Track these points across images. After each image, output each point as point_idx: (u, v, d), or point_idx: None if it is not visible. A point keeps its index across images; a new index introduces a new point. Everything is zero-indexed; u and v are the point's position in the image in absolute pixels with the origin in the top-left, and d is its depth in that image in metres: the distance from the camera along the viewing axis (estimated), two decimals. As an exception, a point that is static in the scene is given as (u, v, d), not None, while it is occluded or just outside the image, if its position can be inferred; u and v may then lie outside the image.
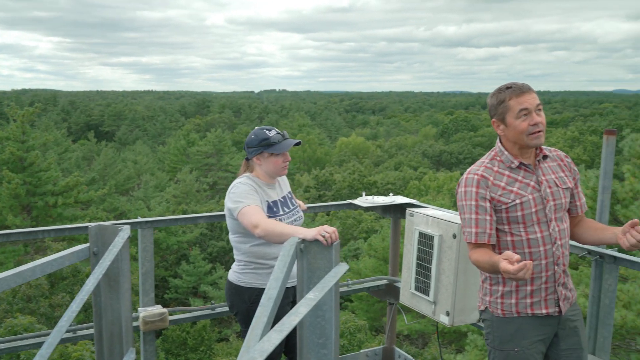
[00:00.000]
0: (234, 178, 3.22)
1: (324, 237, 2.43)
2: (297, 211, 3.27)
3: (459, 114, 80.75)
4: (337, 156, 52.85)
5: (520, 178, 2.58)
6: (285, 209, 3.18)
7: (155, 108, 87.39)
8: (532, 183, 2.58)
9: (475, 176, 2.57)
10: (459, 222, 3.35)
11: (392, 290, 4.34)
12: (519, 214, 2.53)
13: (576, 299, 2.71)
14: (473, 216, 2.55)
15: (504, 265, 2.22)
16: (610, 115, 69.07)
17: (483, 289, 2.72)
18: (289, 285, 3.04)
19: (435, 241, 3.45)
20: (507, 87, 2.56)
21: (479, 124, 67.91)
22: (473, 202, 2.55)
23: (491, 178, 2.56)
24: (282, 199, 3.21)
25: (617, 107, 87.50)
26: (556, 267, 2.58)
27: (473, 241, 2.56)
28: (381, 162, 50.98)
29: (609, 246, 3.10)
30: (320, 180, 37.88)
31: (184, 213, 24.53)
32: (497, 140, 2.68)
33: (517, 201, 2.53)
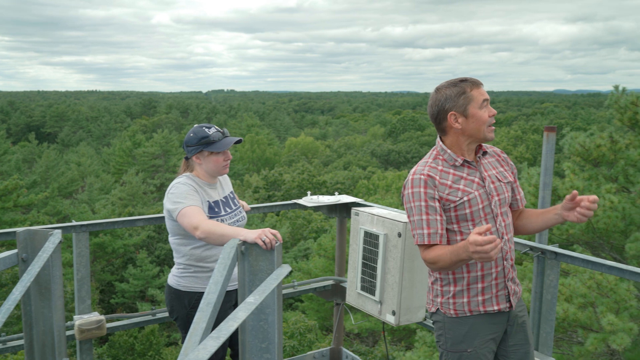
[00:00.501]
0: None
1: (263, 241, 2.34)
2: (240, 211, 3.18)
3: (406, 113, 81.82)
4: (286, 156, 52.71)
5: (465, 175, 2.56)
6: (227, 209, 3.09)
7: (99, 109, 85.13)
8: (476, 179, 2.57)
9: (422, 176, 2.53)
10: (404, 220, 3.34)
11: (338, 291, 4.30)
12: (467, 211, 2.51)
13: (521, 294, 2.73)
14: (424, 217, 2.50)
15: (474, 236, 2.15)
16: (551, 115, 71.27)
17: (433, 291, 2.68)
18: (231, 288, 2.96)
19: (381, 240, 3.42)
20: (463, 80, 2.53)
21: (426, 123, 68.91)
22: (422, 203, 2.50)
23: (437, 177, 2.53)
24: (223, 199, 3.12)
25: (557, 107, 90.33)
26: (505, 262, 2.58)
27: (426, 242, 2.50)
28: (330, 162, 51.14)
29: (550, 242, 3.14)
30: (269, 180, 37.68)
31: (130, 216, 23.98)
32: (438, 139, 2.64)
33: (465, 198, 2.51)
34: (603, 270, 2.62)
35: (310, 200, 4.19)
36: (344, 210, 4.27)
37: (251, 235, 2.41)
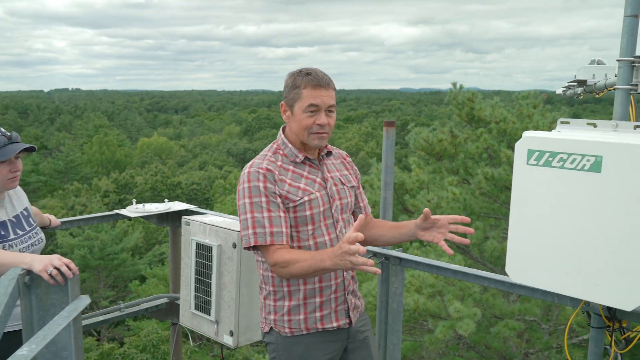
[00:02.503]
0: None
1: (50, 273, 1.86)
2: (36, 233, 2.63)
3: (261, 112, 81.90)
4: (138, 158, 50.50)
5: (305, 174, 2.29)
6: (19, 231, 2.53)
7: None
8: (318, 179, 2.30)
9: (261, 170, 2.21)
10: (239, 229, 2.99)
11: (173, 309, 3.85)
12: (308, 213, 2.23)
13: (364, 307, 2.49)
14: (265, 214, 2.16)
15: (348, 245, 1.86)
16: (398, 112, 74.90)
17: (266, 307, 2.36)
18: (15, 329, 2.42)
19: (214, 252, 3.05)
20: (308, 73, 2.24)
21: (282, 121, 69.18)
22: (263, 199, 2.16)
23: (277, 173, 2.23)
24: (14, 219, 2.55)
25: (403, 104, 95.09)
26: (345, 274, 2.32)
27: (268, 242, 2.15)
28: (185, 162, 49.76)
29: (395, 247, 2.95)
30: (120, 183, 35.80)
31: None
32: (280, 132, 2.37)
33: (306, 198, 2.23)
34: (448, 274, 2.46)
35: (135, 209, 3.70)
36: (176, 219, 3.83)
37: (37, 264, 1.93)
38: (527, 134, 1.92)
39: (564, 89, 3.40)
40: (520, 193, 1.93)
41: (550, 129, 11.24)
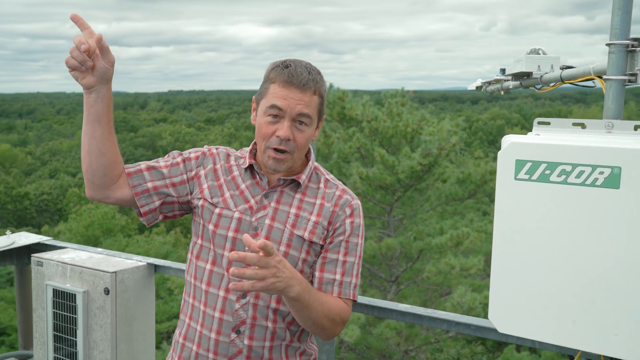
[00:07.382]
0: None
1: None
2: None
3: (117, 114, 77.77)
4: (-24, 168, 45.76)
5: (243, 187, 1.69)
6: None
7: None
8: (252, 202, 1.67)
9: (205, 148, 1.79)
10: (112, 269, 2.31)
11: (25, 370, 3.04)
12: (211, 227, 1.66)
13: None
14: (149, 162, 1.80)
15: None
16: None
17: None
18: None
19: (79, 301, 2.33)
20: (286, 66, 1.62)
21: (139, 124, 66.51)
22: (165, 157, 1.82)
23: (217, 164, 1.74)
24: None
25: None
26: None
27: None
28: (33, 171, 45.95)
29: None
30: (-45, 198, 32.05)
31: None
32: None
33: (217, 211, 1.66)
34: (394, 317, 1.97)
35: (-35, 248, 2.83)
36: (24, 255, 3.00)
37: None
38: (510, 138, 1.46)
39: (483, 84, 3.05)
40: (506, 218, 1.47)
41: (419, 126, 11.17)
